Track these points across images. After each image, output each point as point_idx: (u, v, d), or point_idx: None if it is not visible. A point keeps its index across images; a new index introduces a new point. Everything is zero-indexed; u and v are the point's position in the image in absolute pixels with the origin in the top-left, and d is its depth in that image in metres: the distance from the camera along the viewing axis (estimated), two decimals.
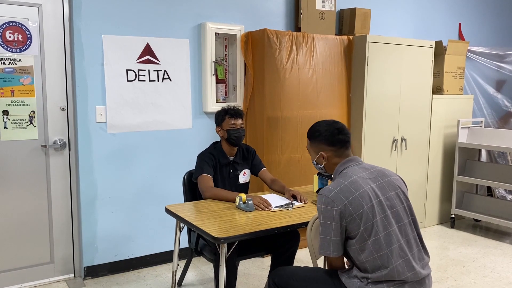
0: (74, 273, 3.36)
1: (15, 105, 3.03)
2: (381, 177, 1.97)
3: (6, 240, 3.09)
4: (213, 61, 3.62)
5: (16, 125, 3.05)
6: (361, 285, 1.86)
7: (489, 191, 5.07)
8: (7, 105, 3.00)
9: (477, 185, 4.81)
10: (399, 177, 2.06)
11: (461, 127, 4.56)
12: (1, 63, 2.96)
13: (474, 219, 4.90)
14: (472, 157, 4.72)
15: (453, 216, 4.67)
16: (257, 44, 3.67)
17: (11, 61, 2.99)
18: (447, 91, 4.61)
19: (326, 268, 2.03)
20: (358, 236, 1.84)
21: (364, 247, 1.84)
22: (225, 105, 3.24)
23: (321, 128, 2.07)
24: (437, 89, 4.60)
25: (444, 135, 4.66)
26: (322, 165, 2.09)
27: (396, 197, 1.94)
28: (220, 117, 2.91)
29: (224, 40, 3.76)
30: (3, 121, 3.01)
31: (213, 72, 3.62)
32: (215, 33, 3.61)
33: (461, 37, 5.37)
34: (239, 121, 2.88)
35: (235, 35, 3.70)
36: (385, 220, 1.86)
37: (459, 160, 4.57)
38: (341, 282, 1.96)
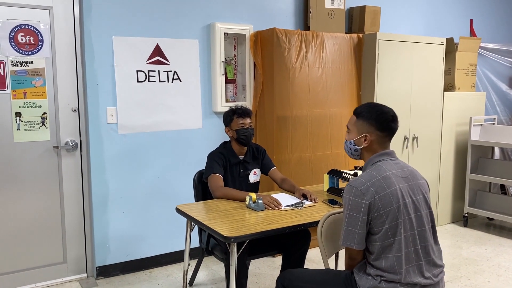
0: (86, 273, 3.39)
1: (28, 106, 3.07)
2: (412, 178, 1.92)
3: (20, 241, 3.13)
4: (223, 61, 3.62)
5: (28, 127, 3.09)
6: (374, 283, 1.84)
7: (503, 189, 5.01)
8: (19, 107, 3.04)
9: (490, 183, 4.75)
10: (426, 182, 2.01)
11: (474, 125, 4.51)
12: (14, 65, 2.99)
13: (488, 218, 4.84)
14: (485, 155, 4.66)
15: (466, 214, 4.61)
16: (266, 43, 3.67)
17: (23, 64, 3.02)
18: (459, 89, 4.56)
19: (346, 261, 1.99)
20: (382, 233, 1.82)
21: (386, 244, 1.82)
22: (233, 105, 3.24)
23: (376, 109, 1.94)
24: (449, 87, 4.55)
25: (456, 133, 4.61)
26: (361, 147, 1.97)
27: (423, 201, 1.91)
28: (228, 117, 2.91)
29: (233, 40, 3.77)
30: (16, 122, 3.04)
31: (223, 72, 3.63)
32: (224, 33, 3.61)
33: (472, 33, 5.31)
34: (248, 120, 2.88)
35: (244, 34, 3.70)
36: (408, 223, 1.84)
37: (471, 158, 4.52)
38: (352, 283, 1.95)
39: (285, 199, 2.74)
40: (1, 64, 2.96)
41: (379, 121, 1.93)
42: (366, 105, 2.01)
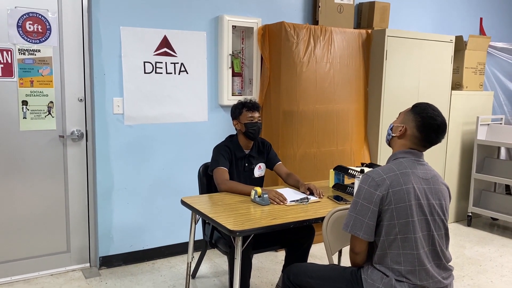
0: (89, 262, 3.40)
1: (34, 95, 3.06)
2: (433, 182, 1.91)
3: (24, 229, 3.14)
4: (230, 54, 3.60)
5: (35, 115, 3.08)
6: (384, 281, 1.83)
7: (508, 189, 4.98)
8: (26, 95, 3.04)
9: (495, 183, 4.73)
10: (448, 189, 1.98)
11: (480, 124, 4.48)
12: (21, 53, 2.99)
13: (492, 218, 4.83)
14: (491, 154, 4.64)
15: (470, 214, 4.60)
16: (274, 37, 3.64)
17: (30, 52, 3.01)
18: (467, 87, 4.53)
19: (350, 256, 1.98)
20: (390, 227, 1.81)
21: (392, 240, 1.82)
22: (241, 98, 3.23)
23: (429, 112, 1.90)
24: (456, 85, 4.52)
25: (463, 132, 4.58)
26: (394, 135, 1.97)
27: (439, 207, 1.89)
28: (238, 110, 2.89)
29: (241, 33, 3.75)
30: (22, 111, 3.04)
31: (230, 65, 3.61)
32: (232, 26, 3.59)
33: (482, 32, 5.26)
34: (257, 114, 2.87)
35: (252, 28, 3.68)
36: (420, 224, 1.83)
37: (477, 157, 4.50)
38: (357, 280, 1.94)
39: (290, 194, 2.74)
40: (9, 52, 2.95)
41: (422, 123, 1.89)
42: (426, 103, 1.97)
